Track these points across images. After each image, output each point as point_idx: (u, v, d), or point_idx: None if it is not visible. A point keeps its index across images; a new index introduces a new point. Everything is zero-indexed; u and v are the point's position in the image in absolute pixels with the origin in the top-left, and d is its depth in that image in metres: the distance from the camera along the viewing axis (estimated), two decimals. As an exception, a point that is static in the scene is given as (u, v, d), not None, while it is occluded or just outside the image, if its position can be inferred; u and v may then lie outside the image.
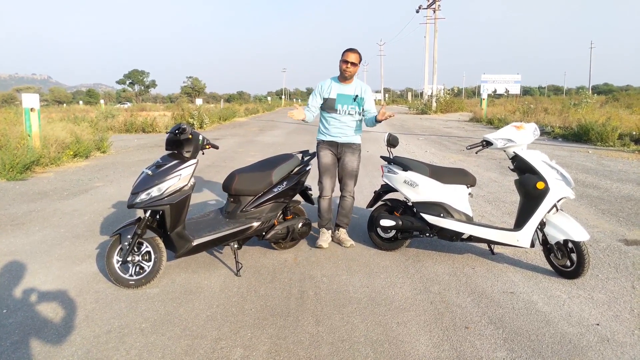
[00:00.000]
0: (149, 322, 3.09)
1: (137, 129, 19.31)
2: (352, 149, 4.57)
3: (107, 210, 6.08)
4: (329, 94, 4.54)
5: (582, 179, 7.96)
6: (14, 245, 4.67)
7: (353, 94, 4.50)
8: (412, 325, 3.04)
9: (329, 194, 4.57)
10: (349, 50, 4.42)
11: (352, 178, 4.57)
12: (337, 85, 4.55)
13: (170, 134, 3.71)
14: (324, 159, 4.55)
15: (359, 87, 4.54)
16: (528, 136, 3.85)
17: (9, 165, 8.24)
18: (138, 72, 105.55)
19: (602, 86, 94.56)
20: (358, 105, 4.51)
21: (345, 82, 4.51)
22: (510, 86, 46.59)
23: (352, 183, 4.58)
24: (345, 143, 4.55)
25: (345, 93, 4.50)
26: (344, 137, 4.55)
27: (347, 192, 4.57)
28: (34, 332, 2.97)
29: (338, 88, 4.53)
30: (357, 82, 4.58)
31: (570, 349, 2.74)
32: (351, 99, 4.49)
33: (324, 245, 4.50)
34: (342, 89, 4.52)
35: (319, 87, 4.65)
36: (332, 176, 4.58)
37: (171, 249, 3.76)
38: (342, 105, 4.49)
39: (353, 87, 4.52)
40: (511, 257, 4.31)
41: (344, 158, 4.54)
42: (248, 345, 2.81)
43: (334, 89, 4.54)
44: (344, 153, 4.55)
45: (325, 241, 4.55)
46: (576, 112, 19.56)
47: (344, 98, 4.50)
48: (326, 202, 4.60)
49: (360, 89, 4.54)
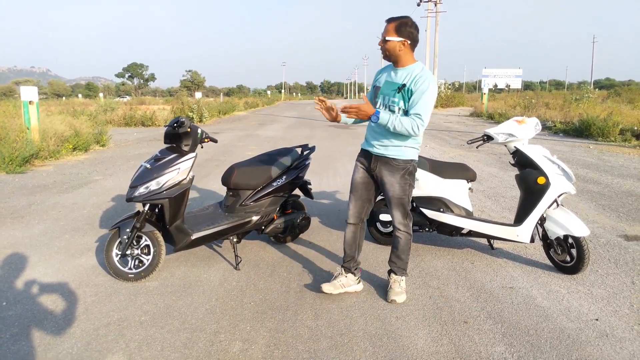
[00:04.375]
0: (148, 315, 3.09)
1: (137, 123, 19.27)
2: (390, 167, 3.19)
3: (106, 203, 6.07)
4: (379, 81, 3.30)
5: (582, 174, 7.95)
6: (14, 238, 4.67)
7: (401, 82, 3.11)
8: (411, 320, 3.04)
9: (352, 219, 3.41)
10: (386, 21, 3.13)
11: (397, 207, 3.26)
12: (391, 71, 3.24)
13: (169, 127, 3.70)
14: (354, 173, 3.41)
15: (411, 74, 3.08)
16: (529, 131, 3.83)
17: (8, 159, 8.23)
18: (137, 65, 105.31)
19: (604, 81, 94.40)
20: (403, 99, 3.08)
21: (397, 65, 3.17)
22: (512, 81, 46.44)
23: (399, 213, 3.28)
24: (380, 156, 3.21)
25: (393, 81, 3.17)
26: (380, 147, 3.20)
27: (394, 225, 3.31)
28: (33, 324, 2.97)
29: (390, 75, 3.22)
30: (413, 67, 3.11)
31: (569, 344, 2.74)
32: (395, 89, 3.12)
33: (325, 290, 3.34)
34: (393, 75, 3.19)
35: (375, 74, 3.45)
36: (359, 198, 3.38)
37: (170, 242, 3.75)
38: (384, 97, 3.19)
39: (405, 73, 3.11)
40: (511, 252, 4.31)
41: (382, 179, 3.25)
42: (247, 338, 2.82)
43: (384, 76, 3.27)
44: (380, 172, 3.24)
45: (331, 286, 3.37)
46: (577, 107, 19.52)
47: (388, 88, 3.17)
48: (349, 231, 3.43)
49: (412, 76, 3.06)
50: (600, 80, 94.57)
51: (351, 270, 3.46)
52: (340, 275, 3.44)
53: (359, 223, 3.43)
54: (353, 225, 3.42)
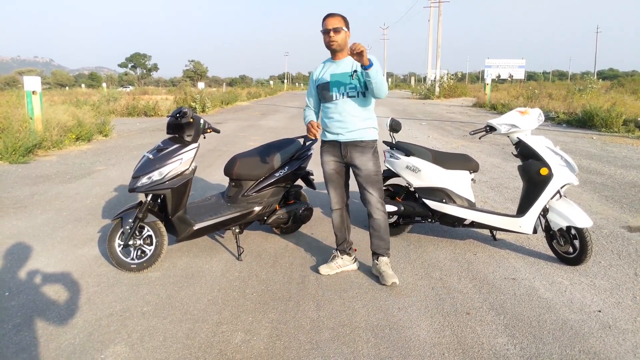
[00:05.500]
0: (150, 306, 3.10)
1: (139, 113, 19.27)
2: (360, 149, 3.42)
3: (109, 193, 6.08)
4: (322, 77, 3.48)
5: (586, 165, 7.91)
6: (17, 228, 4.68)
7: (350, 70, 3.36)
8: (413, 311, 3.04)
9: (337, 205, 3.62)
10: (327, 17, 3.34)
11: (373, 185, 3.44)
12: (330, 65, 3.47)
13: (172, 117, 3.68)
14: (325, 166, 3.58)
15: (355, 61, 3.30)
16: (532, 122, 3.80)
17: (11, 148, 8.24)
18: (140, 55, 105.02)
19: (607, 71, 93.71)
20: (359, 81, 3.33)
21: (338, 57, 3.42)
22: (515, 71, 46.16)
23: (375, 192, 3.45)
24: (350, 142, 3.43)
25: (340, 71, 3.40)
26: (347, 133, 3.41)
27: (372, 206, 3.47)
28: (36, 314, 2.99)
29: (332, 68, 3.45)
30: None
31: (572, 336, 2.74)
32: (348, 77, 3.36)
33: (322, 272, 3.59)
34: (336, 67, 3.42)
35: (311, 77, 3.64)
36: (338, 186, 3.60)
37: (172, 233, 3.76)
38: (339, 88, 3.39)
39: (349, 61, 3.37)
40: (513, 243, 4.29)
41: (354, 162, 3.45)
42: (249, 329, 2.82)
43: (327, 71, 3.46)
44: (351, 156, 3.45)
45: (327, 267, 3.63)
46: (581, 97, 19.38)
47: (338, 79, 3.39)
48: (337, 216, 3.64)
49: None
50: (604, 71, 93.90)
51: (346, 251, 3.70)
52: (337, 258, 3.69)
53: (343, 207, 3.67)
54: (339, 210, 3.66)
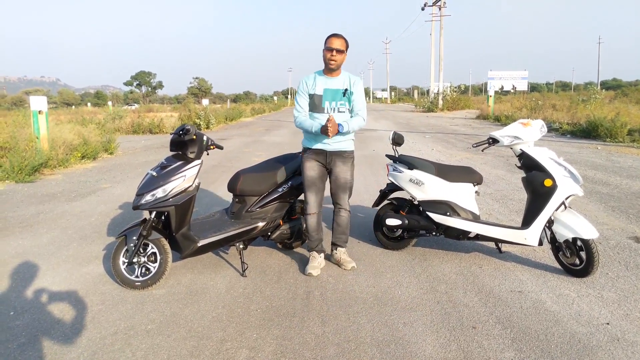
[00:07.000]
0: (154, 324, 3.09)
1: (144, 130, 19.41)
2: (343, 158, 3.91)
3: (114, 211, 6.10)
4: (315, 89, 3.83)
5: (591, 175, 7.88)
6: (22, 247, 4.70)
7: (342, 87, 3.82)
8: (419, 326, 3.01)
9: (315, 209, 3.95)
10: (333, 36, 3.75)
11: (346, 191, 4.00)
12: (322, 79, 3.85)
13: (175, 135, 3.71)
14: (309, 171, 3.89)
15: (347, 80, 3.85)
16: (535, 133, 3.81)
17: (17, 168, 8.30)
18: (145, 73, 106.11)
19: (610, 81, 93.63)
20: (348, 101, 3.84)
21: (332, 74, 3.84)
22: (518, 83, 46.28)
23: (346, 196, 4.01)
24: (335, 151, 3.89)
25: (333, 87, 3.82)
26: (334, 144, 3.86)
27: (342, 206, 4.01)
28: (40, 333, 2.98)
29: (324, 82, 3.84)
30: (345, 75, 3.88)
31: (580, 349, 2.70)
32: (340, 93, 3.81)
33: (314, 273, 3.85)
34: (329, 82, 3.83)
35: (302, 83, 3.92)
36: (319, 191, 3.95)
37: (177, 249, 3.76)
38: (331, 102, 3.81)
39: (341, 79, 3.84)
40: (519, 255, 4.26)
41: (335, 169, 3.91)
42: (253, 346, 2.80)
43: (319, 84, 3.84)
44: (335, 163, 3.90)
45: (315, 268, 3.90)
46: (585, 108, 19.38)
47: (331, 93, 3.82)
48: (314, 220, 3.97)
49: (349, 81, 3.85)
50: (607, 81, 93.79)
51: (322, 250, 4.07)
52: (317, 258, 4.00)
53: (319, 211, 4.00)
54: (316, 214, 3.98)
